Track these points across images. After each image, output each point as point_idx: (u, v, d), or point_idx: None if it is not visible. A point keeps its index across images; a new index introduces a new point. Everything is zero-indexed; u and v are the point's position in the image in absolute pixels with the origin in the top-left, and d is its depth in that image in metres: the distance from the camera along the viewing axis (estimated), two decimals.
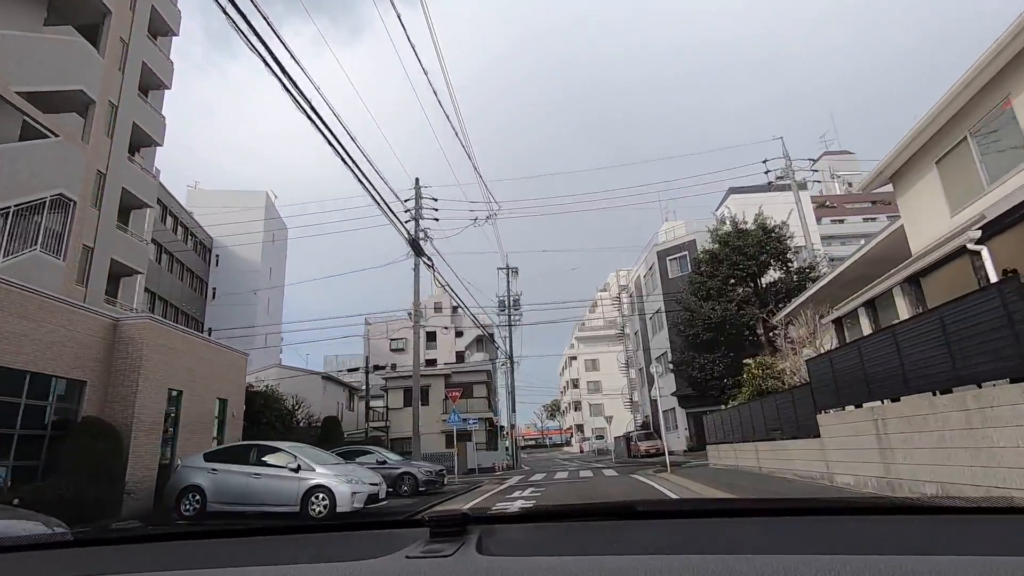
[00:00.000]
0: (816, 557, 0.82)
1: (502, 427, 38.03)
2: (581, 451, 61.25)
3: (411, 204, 23.78)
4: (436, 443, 33.81)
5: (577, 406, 68.85)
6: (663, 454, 34.01)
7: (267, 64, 6.74)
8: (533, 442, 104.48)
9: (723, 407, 18.95)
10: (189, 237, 43.25)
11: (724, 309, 18.75)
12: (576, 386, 68.62)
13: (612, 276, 78.19)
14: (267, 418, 15.99)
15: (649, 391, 37.76)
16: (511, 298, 37.32)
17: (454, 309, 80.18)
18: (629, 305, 41.19)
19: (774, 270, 19.75)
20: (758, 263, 19.03)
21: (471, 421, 30.33)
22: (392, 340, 64.54)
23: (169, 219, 41.23)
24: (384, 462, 15.52)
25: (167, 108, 24.55)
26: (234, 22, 6.13)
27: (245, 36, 6.23)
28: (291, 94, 7.45)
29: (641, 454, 32.98)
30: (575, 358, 69.34)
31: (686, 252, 32.65)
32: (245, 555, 1.18)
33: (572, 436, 74.61)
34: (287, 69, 7.08)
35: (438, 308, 76.90)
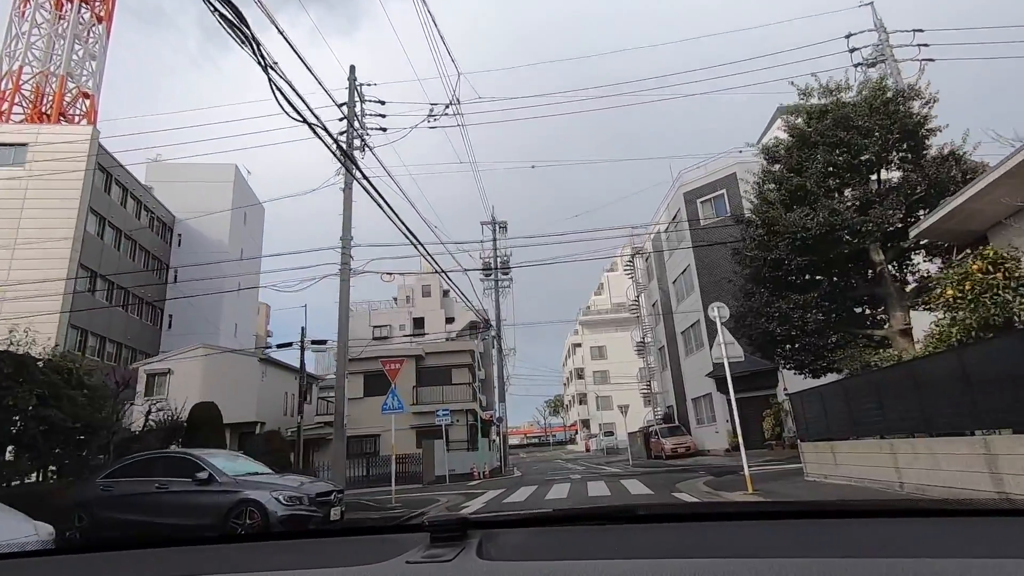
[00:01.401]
0: (818, 560, 0.82)
1: (495, 422, 30.53)
2: (587, 450, 53.74)
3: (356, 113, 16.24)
4: (405, 441, 26.34)
5: (582, 399, 61.33)
6: (694, 453, 26.46)
7: None
8: (536, 440, 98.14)
9: (842, 376, 11.46)
10: (145, 213, 38.98)
11: (830, 215, 11.08)
12: (581, 377, 61.09)
13: (618, 259, 70.65)
14: (16, 398, 8.51)
15: (660, 375, 30.25)
16: (498, 258, 29.84)
17: (445, 293, 72.82)
18: (645, 271, 33.68)
19: (894, 166, 12.15)
20: (880, 144, 11.35)
21: (441, 413, 22.85)
22: (375, 328, 57.43)
23: (116, 189, 35.99)
24: (207, 480, 7.94)
25: None
26: None
27: None
28: None
29: (666, 454, 25.43)
30: (579, 345, 61.78)
31: (723, 191, 25.03)
32: (248, 560, 1.19)
33: (577, 433, 67.05)
34: None
35: (426, 292, 69.78)
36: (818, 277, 12.82)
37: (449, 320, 59.93)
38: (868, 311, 13.36)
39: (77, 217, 32.34)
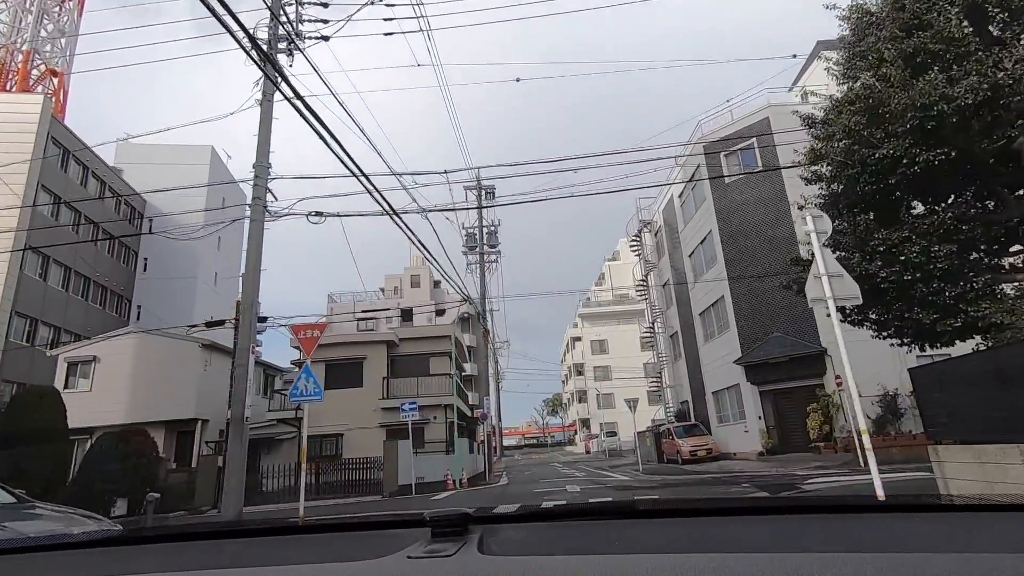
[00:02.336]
0: (817, 555, 0.82)
1: (480, 420, 26.19)
2: (587, 451, 49.41)
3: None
4: (373, 442, 22.03)
5: (582, 397, 57.00)
6: (716, 457, 22.15)
7: None
8: (534, 440, 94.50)
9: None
10: (111, 195, 36.35)
11: (988, 75, 6.68)
12: (580, 373, 56.77)
13: (622, 242, 66.30)
14: None
15: (673, 365, 25.92)
16: (484, 230, 25.50)
17: (435, 284, 68.54)
18: (654, 248, 29.37)
19: None
20: None
21: (407, 407, 18.52)
22: (360, 321, 53.24)
23: (75, 167, 33.05)
24: None
25: None
26: None
27: None
28: None
29: (683, 458, 21.11)
30: (579, 339, 57.45)
31: (752, 140, 20.70)
32: (248, 555, 1.18)
33: (576, 434, 62.73)
34: None
35: (415, 282, 65.54)
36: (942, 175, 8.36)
37: (439, 313, 55.83)
38: None
39: (24, 193, 28.78)
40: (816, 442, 17.38)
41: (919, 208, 9.36)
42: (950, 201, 8.82)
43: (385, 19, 12.32)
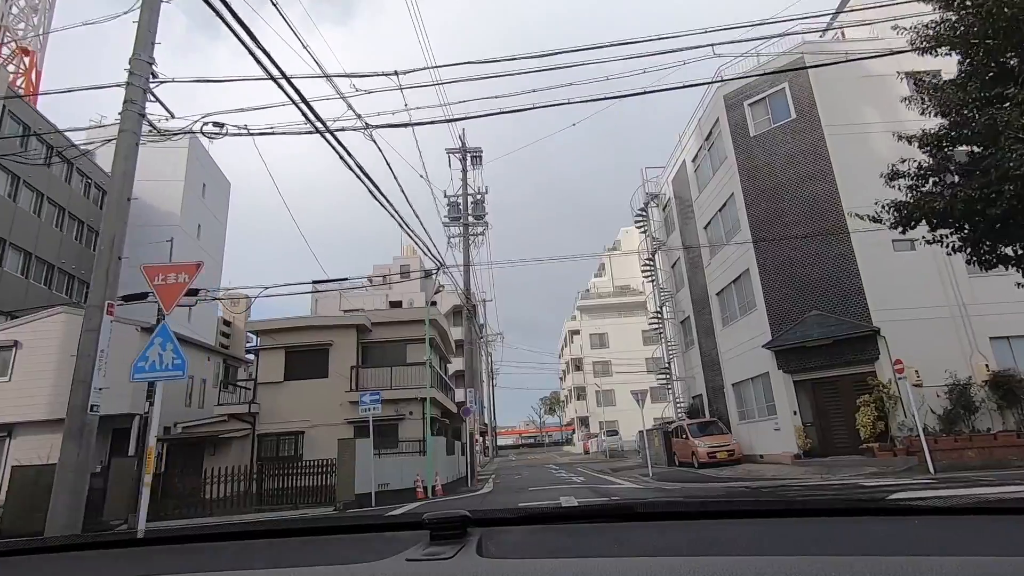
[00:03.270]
0: (817, 558, 0.81)
1: (463, 415, 22.91)
2: (586, 452, 46.16)
3: None
4: (334, 440, 18.71)
5: (580, 394, 53.72)
6: (738, 459, 18.84)
7: None
8: (532, 440, 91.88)
9: None
10: (79, 177, 33.66)
11: None
12: (579, 368, 53.48)
13: (623, 231, 62.97)
14: None
15: (683, 355, 22.58)
16: (469, 199, 22.24)
17: (427, 274, 65.32)
18: (663, 224, 26.08)
19: None
20: None
21: (368, 399, 15.24)
22: (346, 312, 49.95)
23: (38, 146, 29.82)
24: None
25: None
26: None
27: None
28: None
29: (700, 460, 17.88)
30: (577, 332, 54.17)
31: (784, 85, 17.44)
32: (248, 558, 1.18)
33: (574, 433, 59.49)
34: None
35: (405, 272, 62.26)
36: None
37: (432, 304, 52.60)
38: None
39: None
40: (868, 442, 14.13)
41: None
42: None
43: None
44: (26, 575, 1.18)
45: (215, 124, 8.34)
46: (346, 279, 13.90)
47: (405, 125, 8.80)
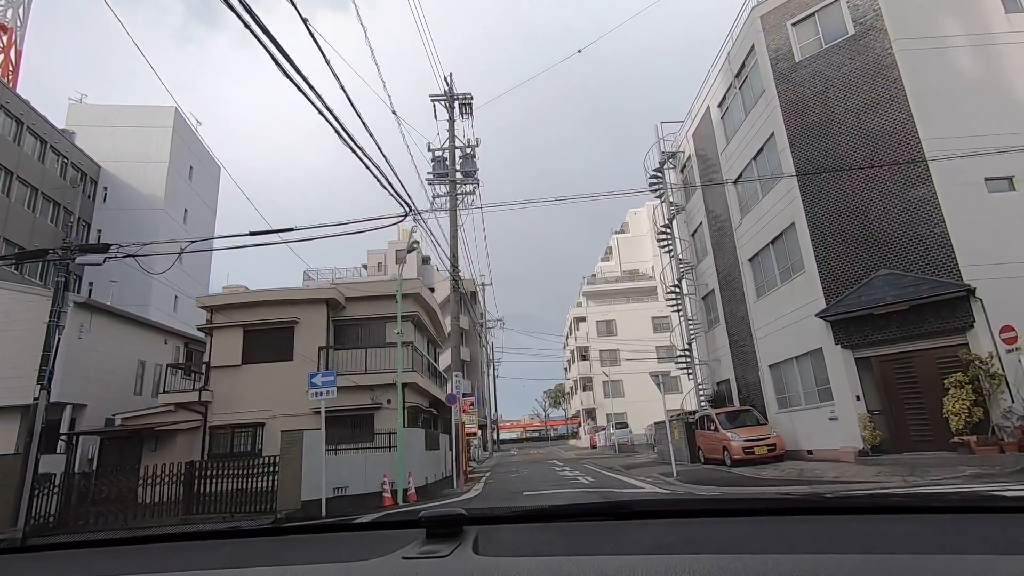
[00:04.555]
0: (814, 556, 0.82)
1: (449, 402, 19.74)
2: (593, 446, 43.05)
3: None
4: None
5: (586, 384, 50.57)
6: (780, 456, 15.49)
7: None
8: (537, 434, 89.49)
9: None
10: (55, 157, 31.25)
11: None
12: (585, 357, 50.28)
13: (631, 213, 59.53)
14: None
15: (706, 335, 19.24)
16: (458, 152, 19.03)
17: (424, 260, 62.24)
18: (680, 187, 22.77)
19: None
20: None
21: (319, 381, 12.06)
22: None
23: (7, 121, 27.99)
24: None
25: None
26: None
27: None
28: None
29: (734, 457, 14.71)
30: (583, 319, 50.93)
31: None
32: (245, 556, 1.18)
33: (580, 426, 56.38)
34: None
35: (400, 257, 59.08)
36: None
37: (430, 290, 49.57)
38: None
39: None
40: (962, 434, 10.88)
41: None
42: None
43: None
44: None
45: None
46: (291, 229, 10.74)
47: None
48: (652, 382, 15.80)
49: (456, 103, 19.35)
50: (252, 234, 11.78)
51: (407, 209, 11.14)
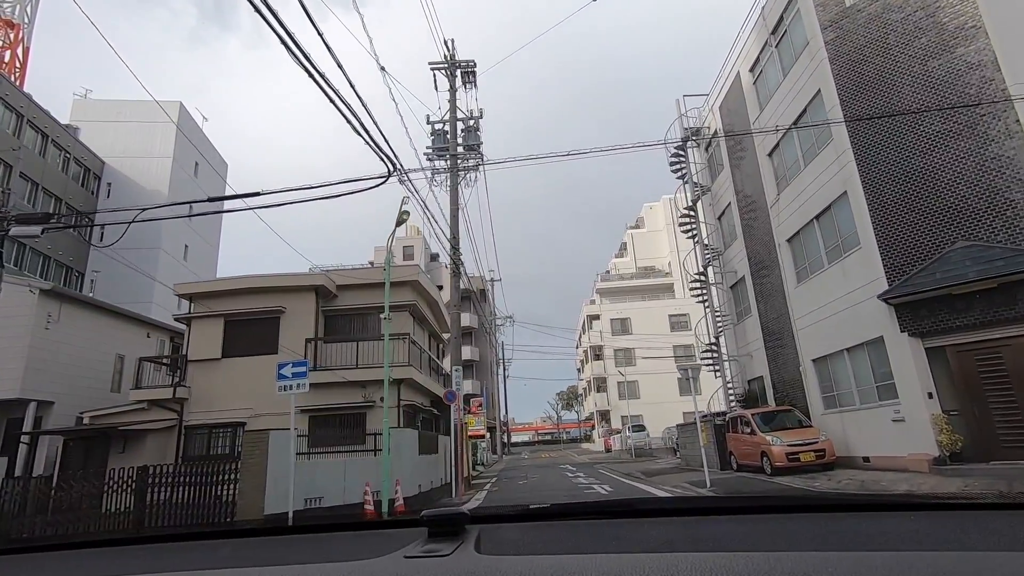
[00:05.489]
0: (814, 554, 0.82)
1: (447, 399, 17.89)
2: (608, 449, 40.96)
3: None
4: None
5: (600, 385, 48.48)
6: (830, 463, 13.19)
7: None
8: (549, 436, 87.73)
9: None
10: (57, 151, 30.29)
11: None
12: (599, 357, 48.21)
13: (646, 208, 57.40)
14: None
15: (735, 328, 17.21)
16: (460, 123, 17.22)
17: (432, 257, 60.49)
18: (706, 164, 20.77)
19: None
20: None
21: (288, 371, 10.23)
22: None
23: (7, 115, 27.16)
24: None
25: None
26: None
27: None
28: None
29: (775, 464, 12.69)
30: (597, 317, 48.87)
31: None
32: (246, 555, 1.17)
33: (593, 429, 54.29)
34: None
35: (408, 254, 57.49)
36: None
37: (438, 287, 47.94)
38: None
39: None
40: None
41: None
42: None
43: None
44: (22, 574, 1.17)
45: None
46: (258, 193, 8.91)
47: None
48: (678, 378, 13.82)
49: (458, 71, 17.56)
50: (211, 200, 10.07)
51: (391, 167, 9.31)
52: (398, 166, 9.58)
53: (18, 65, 46.43)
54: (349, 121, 8.11)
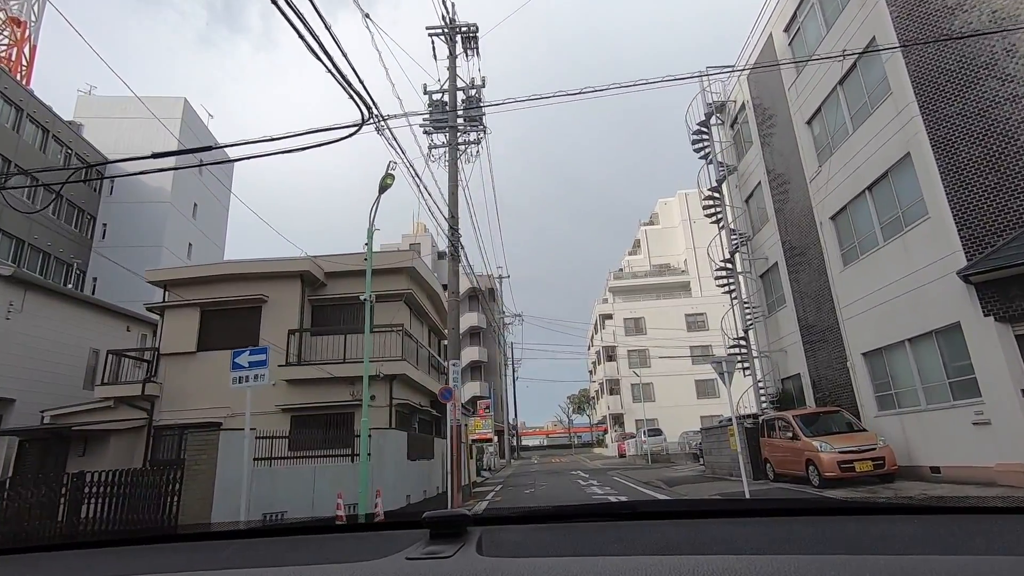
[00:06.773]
0: (816, 558, 0.82)
1: (443, 397, 16.15)
2: (622, 454, 38.94)
3: None
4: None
5: (613, 388, 46.47)
6: (890, 474, 11.19)
7: None
8: (561, 440, 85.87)
9: None
10: (58, 147, 29.51)
11: None
12: (611, 358, 46.23)
13: (661, 203, 55.41)
14: None
15: (766, 321, 15.28)
16: (460, 92, 15.57)
17: (440, 255, 58.94)
18: (732, 142, 18.94)
19: None
20: None
21: (243, 363, 8.54)
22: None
23: (7, 109, 26.02)
24: None
25: None
26: None
27: None
28: None
29: (826, 473, 10.80)
30: (610, 316, 46.89)
31: None
32: (248, 556, 1.17)
33: (606, 433, 52.25)
34: None
35: (415, 251, 55.99)
36: None
37: (443, 287, 46.24)
38: None
39: None
40: None
41: None
42: None
43: None
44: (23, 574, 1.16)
45: None
46: (210, 148, 7.19)
47: None
48: (695, 380, 11.97)
49: (458, 36, 15.92)
50: (155, 156, 8.43)
51: (365, 113, 7.63)
52: (375, 112, 7.92)
53: (24, 63, 45.69)
54: (309, 47, 6.46)
